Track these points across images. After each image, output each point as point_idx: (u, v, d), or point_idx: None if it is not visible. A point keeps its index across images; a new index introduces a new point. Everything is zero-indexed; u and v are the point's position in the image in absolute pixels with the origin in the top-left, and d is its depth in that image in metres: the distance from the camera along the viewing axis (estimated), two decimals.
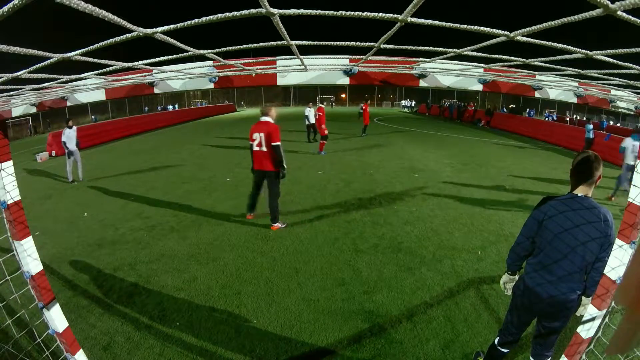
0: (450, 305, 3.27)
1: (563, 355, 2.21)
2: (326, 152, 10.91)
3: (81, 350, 2.33)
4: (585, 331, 2.03)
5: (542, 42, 0.89)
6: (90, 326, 3.02)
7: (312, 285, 3.64)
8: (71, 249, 4.58)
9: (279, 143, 4.71)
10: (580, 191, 1.91)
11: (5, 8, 0.63)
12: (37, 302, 2.09)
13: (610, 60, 1.02)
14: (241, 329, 2.96)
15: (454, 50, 1.15)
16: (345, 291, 3.52)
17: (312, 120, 12.41)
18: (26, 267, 2.00)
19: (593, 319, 1.99)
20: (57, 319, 2.15)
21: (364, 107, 15.12)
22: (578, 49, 0.94)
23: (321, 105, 11.60)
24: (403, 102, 39.69)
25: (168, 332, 2.93)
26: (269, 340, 2.83)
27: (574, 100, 3.62)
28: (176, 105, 33.81)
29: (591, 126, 12.49)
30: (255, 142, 4.76)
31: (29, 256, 2.00)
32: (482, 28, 0.85)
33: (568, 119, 23.24)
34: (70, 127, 8.29)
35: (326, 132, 11.13)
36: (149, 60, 1.22)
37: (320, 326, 3.00)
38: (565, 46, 0.93)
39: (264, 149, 4.71)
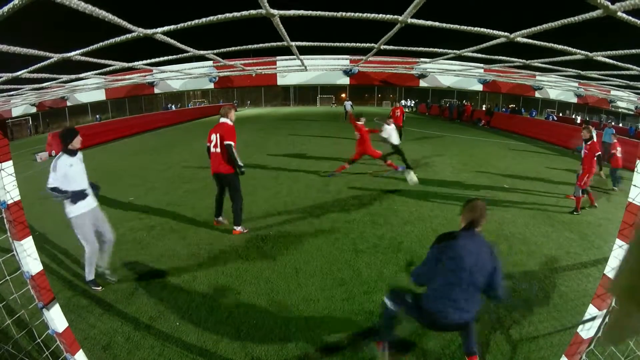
0: None
1: (563, 355, 2.21)
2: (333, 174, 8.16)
3: (81, 350, 2.33)
4: (585, 331, 2.03)
5: (542, 43, 0.88)
6: (90, 326, 3.02)
7: (312, 285, 3.64)
8: (71, 249, 4.57)
9: (231, 142, 4.53)
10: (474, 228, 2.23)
11: (5, 8, 0.62)
12: (37, 302, 2.09)
13: (611, 61, 1.02)
14: (241, 329, 2.96)
15: (454, 51, 1.15)
16: (345, 291, 3.52)
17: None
18: (26, 267, 2.00)
19: (593, 319, 1.99)
20: (57, 319, 2.15)
21: (398, 111, 12.48)
22: (578, 50, 0.94)
23: (358, 121, 7.74)
24: (403, 102, 38.54)
25: (168, 332, 2.93)
26: (269, 340, 2.83)
27: (574, 100, 3.63)
28: (205, 102, 31.52)
29: (612, 130, 10.35)
30: (212, 144, 4.66)
31: (29, 256, 2.00)
32: (482, 29, 0.85)
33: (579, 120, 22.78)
34: (74, 153, 3.47)
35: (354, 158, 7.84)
36: (149, 60, 1.22)
37: (320, 326, 3.00)
38: (565, 47, 0.93)
39: (219, 150, 4.60)
